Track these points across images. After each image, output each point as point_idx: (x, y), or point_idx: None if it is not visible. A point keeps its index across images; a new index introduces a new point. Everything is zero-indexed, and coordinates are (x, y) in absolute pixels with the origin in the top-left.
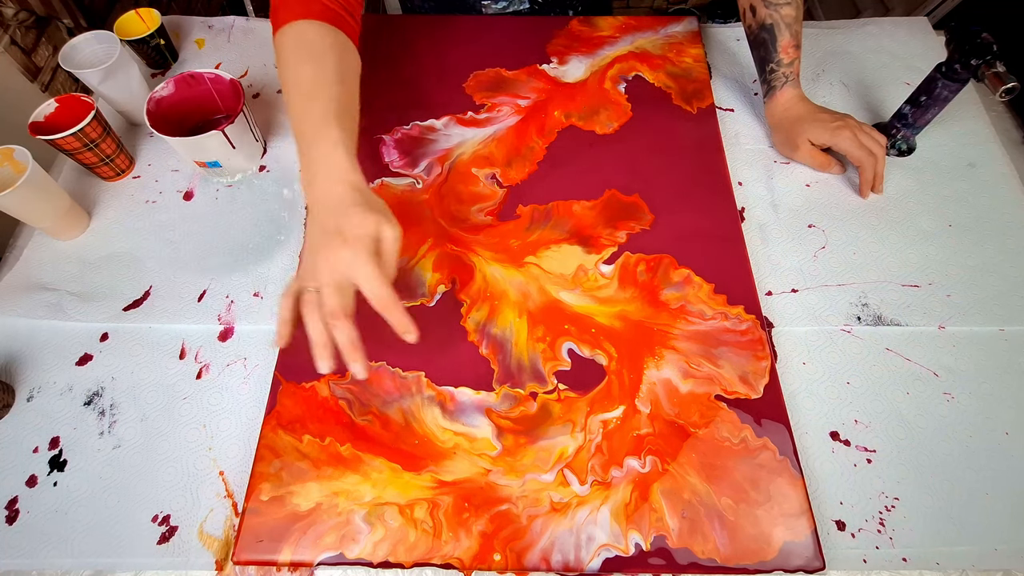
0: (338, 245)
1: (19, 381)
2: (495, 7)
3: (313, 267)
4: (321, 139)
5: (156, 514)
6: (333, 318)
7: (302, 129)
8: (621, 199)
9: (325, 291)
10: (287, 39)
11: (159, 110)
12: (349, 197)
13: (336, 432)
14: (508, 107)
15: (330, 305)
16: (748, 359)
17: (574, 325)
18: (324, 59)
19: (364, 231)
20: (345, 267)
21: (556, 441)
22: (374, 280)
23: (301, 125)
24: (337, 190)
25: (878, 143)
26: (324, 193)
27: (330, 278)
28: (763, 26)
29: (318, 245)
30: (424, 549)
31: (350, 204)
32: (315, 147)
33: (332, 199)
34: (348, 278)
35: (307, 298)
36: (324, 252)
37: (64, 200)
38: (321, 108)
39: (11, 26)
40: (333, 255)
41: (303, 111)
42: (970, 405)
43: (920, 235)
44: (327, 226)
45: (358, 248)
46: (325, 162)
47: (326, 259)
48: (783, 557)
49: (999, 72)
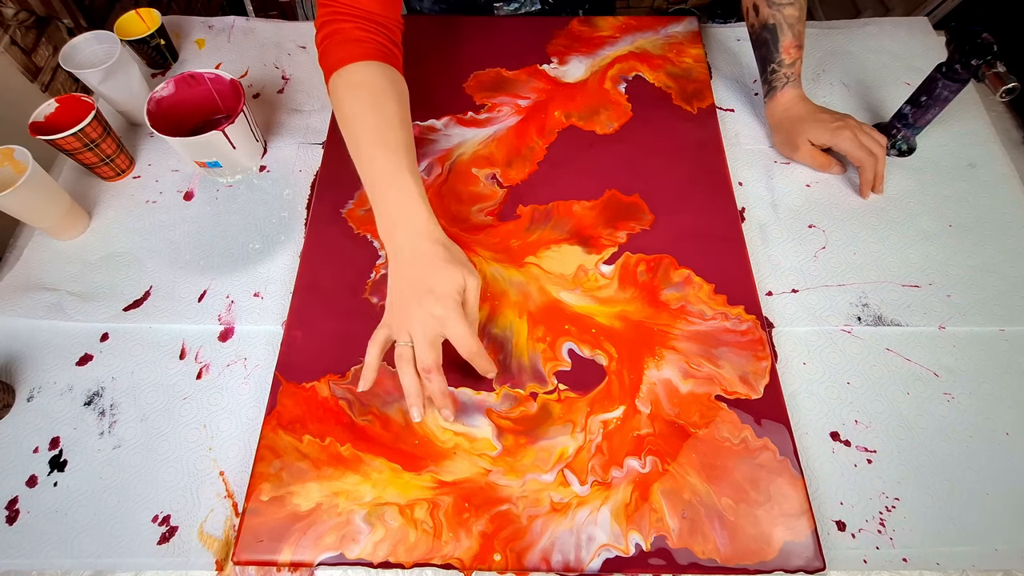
0: (431, 302)
1: (19, 381)
2: (507, 9)
3: (405, 320)
4: (397, 188)
5: (156, 514)
6: (427, 372)
7: (373, 176)
8: (621, 199)
9: (419, 347)
10: (342, 83)
11: (159, 110)
12: (436, 252)
13: (336, 432)
14: (508, 107)
15: (425, 361)
16: (748, 359)
17: (574, 325)
18: (385, 102)
19: (453, 286)
20: (437, 323)
21: (556, 441)
22: (465, 336)
23: (372, 172)
24: (424, 246)
25: (878, 143)
26: (410, 248)
27: (423, 334)
28: (765, 26)
29: (409, 299)
30: (424, 549)
31: (438, 259)
32: (391, 197)
33: (419, 254)
34: (440, 333)
35: (401, 352)
36: (416, 308)
37: (64, 200)
38: (392, 155)
39: (11, 26)
40: (425, 311)
41: (371, 157)
42: (970, 405)
43: (920, 235)
44: (415, 281)
45: (449, 305)
46: (405, 214)
47: (418, 315)
48: (783, 557)
49: (999, 72)
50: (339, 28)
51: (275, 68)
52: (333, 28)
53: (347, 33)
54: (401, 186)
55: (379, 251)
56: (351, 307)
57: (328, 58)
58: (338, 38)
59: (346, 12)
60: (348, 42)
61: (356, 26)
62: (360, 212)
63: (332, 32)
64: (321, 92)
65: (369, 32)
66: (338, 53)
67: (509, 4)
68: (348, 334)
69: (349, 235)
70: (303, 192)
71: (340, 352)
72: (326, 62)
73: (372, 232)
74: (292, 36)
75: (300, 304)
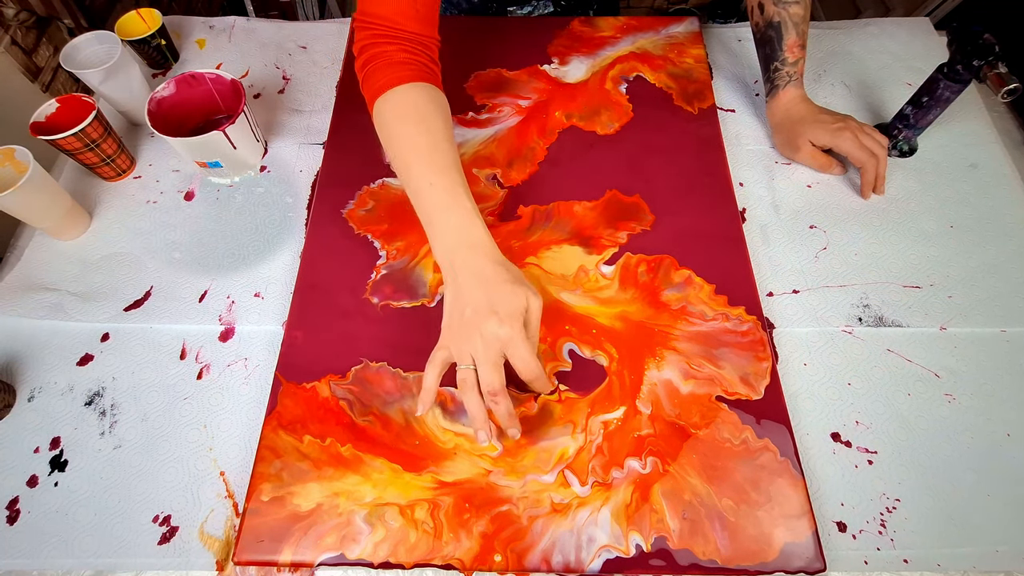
0: (495, 323)
1: (20, 381)
2: (521, 12)
3: (467, 342)
4: (455, 209)
5: (157, 514)
6: (494, 395)
7: (427, 198)
8: (622, 200)
9: (483, 369)
10: (388, 107)
11: (160, 110)
12: (498, 273)
13: (337, 432)
14: (509, 107)
15: (491, 385)
16: (749, 360)
17: (575, 326)
18: (434, 123)
19: (517, 308)
20: (501, 345)
21: (557, 442)
22: (528, 358)
23: (429, 195)
24: (486, 267)
25: (879, 144)
26: (471, 269)
27: (486, 356)
28: (770, 24)
29: (471, 321)
30: (425, 550)
31: (501, 280)
32: (450, 217)
33: (481, 276)
34: (503, 355)
35: (464, 375)
36: (480, 329)
37: (65, 200)
38: (445, 176)
39: (12, 26)
40: (489, 333)
41: (427, 181)
42: (971, 406)
43: (921, 236)
44: (478, 302)
45: (514, 327)
46: (465, 235)
47: (482, 337)
48: (784, 558)
49: (1001, 73)
50: (382, 51)
51: (276, 68)
52: (376, 51)
53: (391, 56)
54: (460, 208)
55: (379, 251)
56: (351, 307)
57: (372, 82)
58: (382, 62)
59: (388, 34)
60: (392, 65)
61: (400, 48)
62: (360, 212)
63: (375, 56)
64: (322, 92)
65: (412, 53)
66: (383, 77)
67: (523, 7)
68: (349, 334)
69: (349, 235)
70: (304, 192)
71: (341, 352)
72: (370, 86)
73: (372, 232)
74: (293, 36)
75: (301, 304)
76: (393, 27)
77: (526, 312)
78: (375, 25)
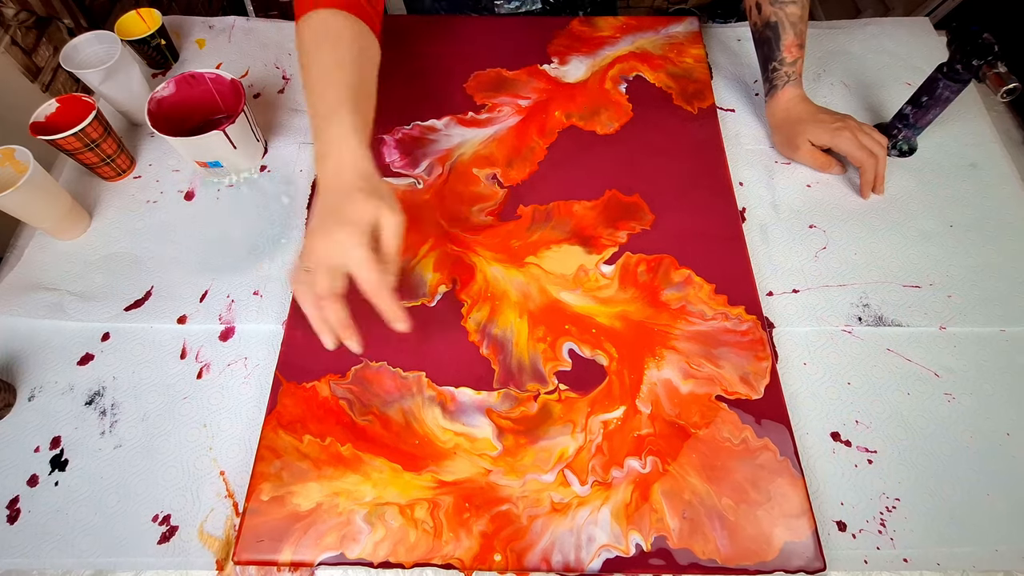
0: (334, 228)
1: (20, 381)
2: (508, 7)
3: (311, 248)
4: (335, 122)
5: (157, 514)
6: (320, 299)
7: (317, 111)
8: (622, 199)
9: (317, 273)
10: (308, 26)
11: (160, 110)
12: (354, 183)
13: (337, 432)
14: (509, 107)
15: (320, 286)
16: (749, 359)
17: (575, 325)
18: (343, 46)
19: (362, 216)
20: (338, 250)
21: (556, 441)
22: (364, 265)
23: (316, 107)
24: (345, 175)
25: (879, 144)
26: (332, 176)
27: (324, 260)
28: (768, 24)
29: (317, 227)
30: (424, 549)
31: (354, 189)
32: (328, 130)
33: (339, 183)
34: (341, 262)
35: (298, 276)
36: (321, 234)
37: (65, 200)
38: (336, 92)
39: (11, 26)
40: (329, 238)
41: (320, 94)
42: (971, 406)
43: (921, 235)
44: (327, 208)
45: (353, 232)
46: (336, 145)
47: (322, 241)
48: (784, 558)
49: (1001, 72)
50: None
51: (276, 68)
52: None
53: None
54: (340, 120)
55: None
56: (352, 307)
57: (300, 4)
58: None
59: None
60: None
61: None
62: None
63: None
64: None
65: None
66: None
67: (510, 2)
68: None
69: None
70: (304, 192)
71: (341, 352)
72: (299, 5)
73: None
74: (292, 36)
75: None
76: None
77: (377, 226)
78: None
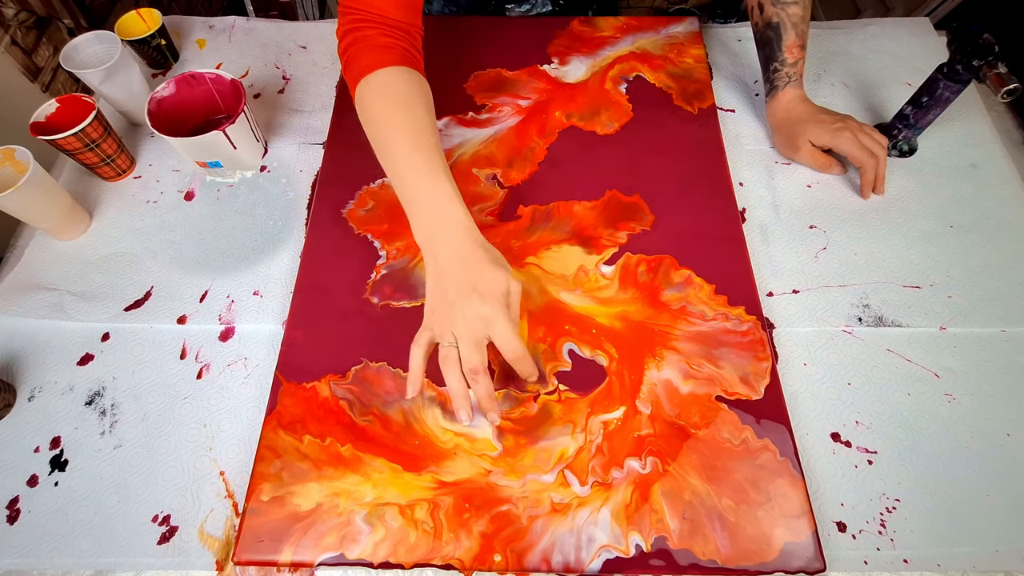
0: (476, 302)
1: (20, 381)
2: (519, 10)
3: (449, 321)
4: (435, 192)
5: (157, 514)
6: (474, 374)
7: (408, 179)
8: (622, 199)
9: (464, 347)
10: (371, 89)
11: (160, 110)
12: (478, 254)
13: (337, 432)
14: (509, 107)
15: (472, 363)
16: (749, 360)
17: (575, 326)
18: (416, 106)
19: (497, 287)
20: (483, 324)
21: (557, 442)
22: (511, 337)
23: (406, 174)
24: (467, 248)
25: (879, 144)
26: (452, 249)
27: (468, 334)
28: (769, 24)
29: (454, 300)
30: (425, 550)
31: (481, 261)
32: (430, 200)
33: (462, 256)
34: (485, 334)
35: (446, 353)
36: (461, 308)
37: (65, 200)
38: (427, 158)
39: (11, 26)
40: (471, 311)
41: (406, 160)
42: (971, 406)
43: (921, 236)
44: (460, 282)
45: (496, 306)
46: (446, 217)
47: (463, 315)
48: (784, 558)
49: (1001, 73)
50: (364, 35)
51: (276, 68)
52: (358, 35)
53: (373, 40)
54: (440, 190)
55: (379, 251)
56: (351, 307)
57: (355, 65)
58: (364, 45)
59: (370, 19)
60: (375, 49)
61: (381, 32)
62: (360, 212)
63: (357, 39)
64: (322, 92)
65: (394, 38)
66: (365, 60)
67: (521, 6)
68: (349, 334)
69: (349, 235)
70: (304, 192)
71: (341, 352)
72: (353, 68)
73: (372, 232)
74: (292, 36)
75: (301, 304)
76: (375, 13)
77: (508, 294)
78: (358, 10)
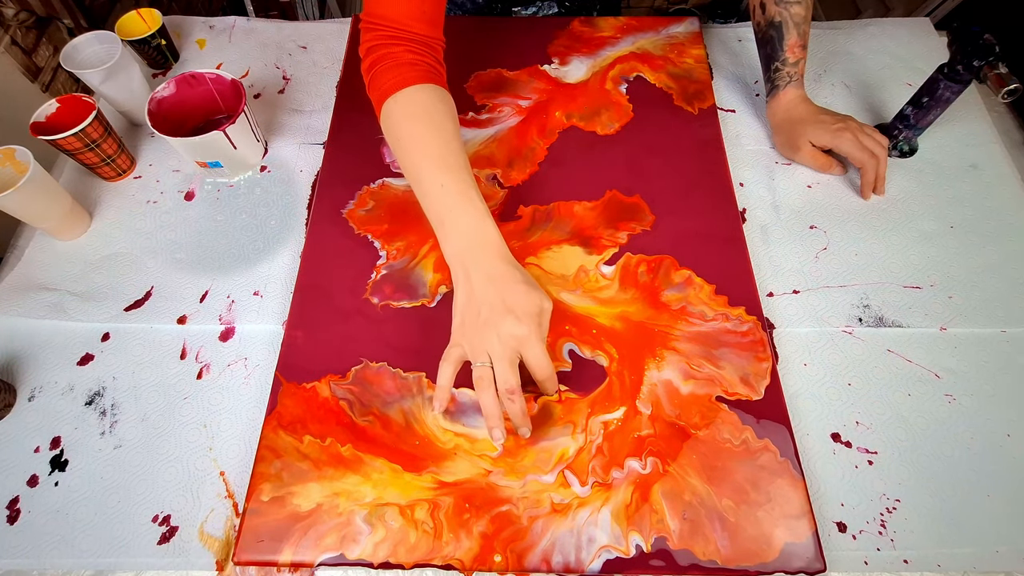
0: (512, 322)
1: (20, 381)
2: (525, 13)
3: (482, 340)
4: (467, 210)
5: (157, 514)
6: (510, 393)
7: (439, 197)
8: (622, 200)
9: (500, 367)
10: (398, 108)
11: (160, 110)
12: (513, 275)
13: (337, 433)
14: (509, 108)
15: (509, 383)
16: (749, 360)
17: (575, 326)
18: (444, 125)
19: (531, 308)
20: (517, 343)
21: (557, 442)
22: (543, 357)
23: (436, 193)
24: (501, 268)
25: (880, 144)
26: (486, 269)
27: (503, 353)
28: (771, 23)
29: (488, 319)
30: (425, 550)
31: (515, 281)
32: (461, 218)
33: (496, 276)
34: (519, 353)
35: (481, 373)
36: (497, 328)
37: (65, 200)
38: (457, 177)
39: (11, 26)
40: (506, 331)
41: (438, 182)
42: (971, 406)
43: (922, 236)
44: (494, 301)
45: (531, 326)
46: (478, 236)
47: (499, 335)
48: (784, 559)
49: (1001, 73)
50: (389, 52)
51: (276, 68)
52: (383, 53)
53: (398, 57)
54: (471, 209)
55: (379, 251)
56: (352, 307)
57: (380, 83)
58: (389, 63)
59: (395, 36)
60: (400, 66)
61: (406, 49)
62: (361, 212)
63: (382, 57)
64: (322, 92)
65: (418, 55)
66: (391, 78)
67: (528, 8)
68: (349, 334)
69: (350, 235)
70: (304, 192)
71: (341, 352)
72: (378, 87)
73: (372, 232)
74: (293, 36)
75: (301, 304)
76: (400, 28)
77: (540, 314)
78: (381, 26)
